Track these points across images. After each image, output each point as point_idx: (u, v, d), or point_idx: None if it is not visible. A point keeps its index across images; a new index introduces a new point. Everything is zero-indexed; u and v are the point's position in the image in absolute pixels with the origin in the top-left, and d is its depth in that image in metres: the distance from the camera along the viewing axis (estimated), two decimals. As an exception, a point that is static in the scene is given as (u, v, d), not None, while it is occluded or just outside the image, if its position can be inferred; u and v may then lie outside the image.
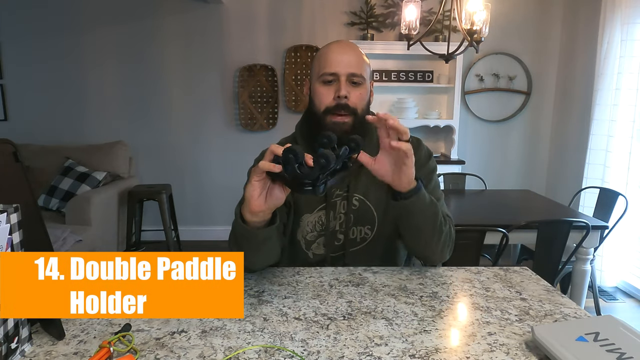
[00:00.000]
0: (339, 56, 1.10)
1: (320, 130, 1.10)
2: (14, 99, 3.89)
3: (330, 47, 1.13)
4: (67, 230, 2.85)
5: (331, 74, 1.09)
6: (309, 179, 0.80)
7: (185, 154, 4.03)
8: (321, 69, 1.11)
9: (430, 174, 1.19)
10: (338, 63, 1.09)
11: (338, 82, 1.09)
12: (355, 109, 1.10)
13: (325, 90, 1.10)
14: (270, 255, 1.06)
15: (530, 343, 0.78)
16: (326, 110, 1.10)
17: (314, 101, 1.13)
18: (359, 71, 1.10)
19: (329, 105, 1.09)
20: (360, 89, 1.11)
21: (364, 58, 1.14)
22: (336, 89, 1.09)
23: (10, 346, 0.70)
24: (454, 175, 3.37)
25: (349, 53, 1.11)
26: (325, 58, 1.11)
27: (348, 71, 1.09)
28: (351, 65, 1.09)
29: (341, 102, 1.08)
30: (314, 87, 1.13)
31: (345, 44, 1.14)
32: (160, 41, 3.85)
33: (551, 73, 4.02)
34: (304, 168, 0.80)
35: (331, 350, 0.75)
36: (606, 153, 3.15)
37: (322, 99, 1.10)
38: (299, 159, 0.79)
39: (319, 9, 3.86)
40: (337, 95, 1.08)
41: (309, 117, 1.17)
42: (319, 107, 1.11)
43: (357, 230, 1.18)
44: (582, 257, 2.36)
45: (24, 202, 0.73)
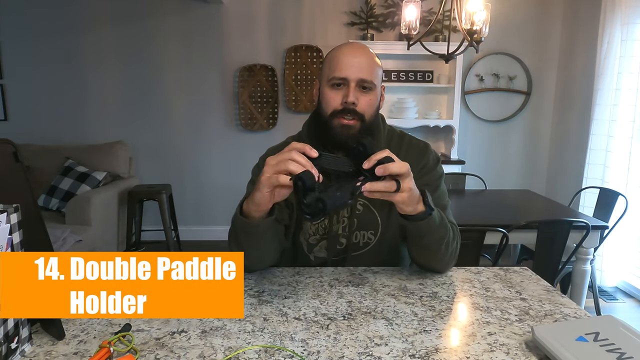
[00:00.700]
0: (349, 60, 1.07)
1: (327, 132, 1.09)
2: (14, 99, 3.89)
3: (341, 50, 1.10)
4: (67, 230, 2.85)
5: (341, 78, 1.07)
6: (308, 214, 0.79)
7: (185, 154, 4.03)
8: (331, 72, 1.08)
9: (438, 180, 1.17)
10: (348, 67, 1.06)
11: (347, 87, 1.07)
12: (363, 115, 1.08)
13: (334, 94, 1.08)
14: (270, 252, 1.07)
15: (530, 343, 0.78)
16: (333, 113, 1.08)
17: (322, 104, 1.12)
18: (369, 77, 1.07)
19: (337, 108, 1.08)
20: (369, 95, 1.08)
21: (376, 61, 1.11)
22: (345, 93, 1.07)
23: (10, 346, 0.70)
24: (454, 175, 3.37)
25: (360, 57, 1.08)
26: (336, 61, 1.08)
27: (358, 76, 1.06)
28: (362, 70, 1.06)
29: (349, 107, 1.06)
30: (323, 89, 1.11)
31: (357, 47, 1.11)
32: (160, 41, 3.85)
33: (551, 73, 4.02)
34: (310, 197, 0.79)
35: (331, 350, 0.75)
36: (606, 153, 3.15)
37: (330, 102, 1.09)
38: (306, 187, 0.78)
39: (319, 9, 3.86)
40: (345, 100, 1.07)
41: (316, 118, 1.16)
42: (326, 110, 1.10)
43: (360, 234, 1.17)
44: (582, 257, 2.36)
45: (24, 202, 0.73)
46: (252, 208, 0.94)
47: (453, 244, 1.08)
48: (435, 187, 1.15)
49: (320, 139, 1.12)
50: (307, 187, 0.78)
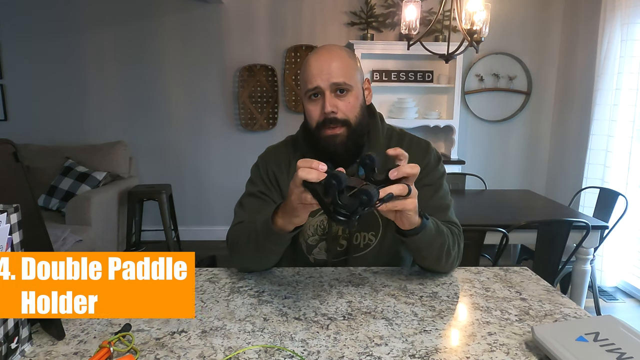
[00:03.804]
0: (318, 67, 1.04)
1: (316, 143, 1.09)
2: (14, 99, 3.89)
3: (309, 60, 1.07)
4: (67, 230, 2.85)
5: (314, 88, 1.05)
6: (347, 211, 0.76)
7: (185, 154, 4.03)
8: (305, 85, 1.07)
9: (440, 179, 1.16)
10: (318, 75, 1.04)
11: (323, 96, 1.04)
12: (347, 119, 1.06)
13: (313, 107, 1.07)
14: (275, 260, 1.08)
15: (530, 343, 0.78)
16: (317, 126, 1.07)
17: (306, 117, 1.12)
18: (342, 79, 1.04)
19: (319, 120, 1.06)
20: (348, 97, 1.06)
21: (349, 61, 1.07)
22: (322, 104, 1.05)
23: (10, 346, 0.70)
24: (454, 175, 3.37)
25: (329, 61, 1.04)
26: (307, 72, 1.06)
27: (330, 81, 1.03)
28: (332, 74, 1.03)
29: (329, 117, 1.05)
30: (304, 103, 1.11)
31: (323, 52, 1.07)
32: (160, 41, 3.85)
33: (551, 73, 4.02)
34: (344, 197, 0.77)
35: (331, 350, 0.75)
36: (606, 153, 3.15)
37: (312, 115, 1.08)
38: (341, 186, 0.76)
39: (319, 9, 3.86)
40: (323, 111, 1.04)
41: (305, 129, 1.16)
42: (311, 123, 1.09)
43: (360, 236, 1.16)
44: (582, 257, 2.36)
45: (24, 202, 0.73)
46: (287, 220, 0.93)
47: (454, 248, 1.07)
48: (437, 186, 1.14)
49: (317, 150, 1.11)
50: (341, 184, 0.75)
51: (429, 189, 1.12)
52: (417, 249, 1.03)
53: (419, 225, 0.95)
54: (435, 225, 1.01)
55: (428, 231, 0.98)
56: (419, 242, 0.99)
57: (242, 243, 1.06)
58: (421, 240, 0.98)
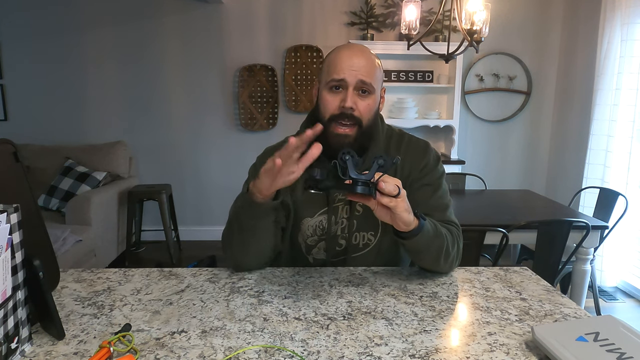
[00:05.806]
0: (349, 62, 1.04)
1: (323, 138, 1.08)
2: (14, 99, 3.89)
3: (340, 52, 1.08)
4: (67, 230, 2.85)
5: (339, 80, 1.04)
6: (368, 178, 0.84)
7: (185, 154, 4.03)
8: (330, 74, 1.06)
9: (439, 179, 1.16)
10: (347, 69, 1.04)
11: (346, 90, 1.04)
12: (361, 120, 1.05)
13: (332, 98, 1.06)
14: (263, 247, 1.08)
15: (530, 343, 0.78)
16: (331, 118, 1.06)
17: (320, 107, 1.10)
18: (369, 79, 1.04)
19: (334, 112, 1.06)
20: (368, 99, 1.06)
21: (376, 63, 1.08)
22: (342, 97, 1.04)
23: (10, 346, 0.70)
24: (454, 175, 3.37)
25: (360, 59, 1.05)
26: (335, 63, 1.06)
27: (357, 78, 1.04)
28: (361, 72, 1.04)
29: (346, 112, 1.04)
30: (321, 92, 1.09)
31: (356, 48, 1.08)
32: (160, 41, 3.85)
33: (551, 73, 4.02)
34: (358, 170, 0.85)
35: (331, 350, 0.75)
36: (606, 153, 3.15)
37: (328, 106, 1.07)
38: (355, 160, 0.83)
39: (319, 9, 3.86)
40: (342, 104, 1.04)
41: (313, 120, 1.14)
42: (323, 114, 1.08)
43: (359, 235, 1.16)
44: (582, 257, 2.36)
45: (24, 202, 0.73)
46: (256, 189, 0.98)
47: (453, 248, 1.07)
48: (436, 186, 1.14)
49: None
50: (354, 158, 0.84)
51: (428, 188, 1.13)
52: (416, 251, 1.03)
53: (417, 227, 0.96)
54: (433, 227, 1.02)
55: (426, 233, 0.99)
56: (417, 244, 0.99)
57: (229, 232, 1.08)
58: (419, 243, 0.99)
